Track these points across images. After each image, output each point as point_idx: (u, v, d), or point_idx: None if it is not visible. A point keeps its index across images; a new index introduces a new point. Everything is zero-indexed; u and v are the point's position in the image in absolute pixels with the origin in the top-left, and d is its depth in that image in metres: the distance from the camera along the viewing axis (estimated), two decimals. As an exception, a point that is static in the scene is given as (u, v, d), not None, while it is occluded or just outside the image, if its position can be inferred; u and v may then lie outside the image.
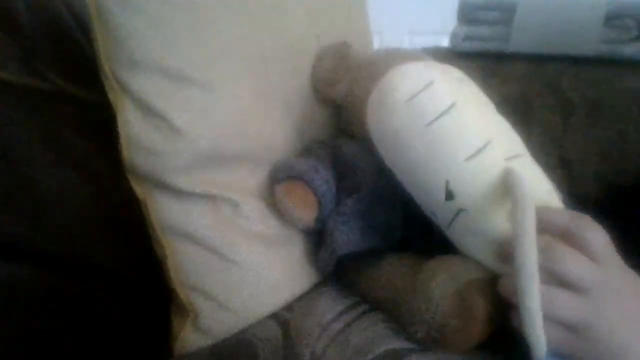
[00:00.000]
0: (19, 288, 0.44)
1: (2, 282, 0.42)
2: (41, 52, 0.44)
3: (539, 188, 0.37)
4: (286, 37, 0.49)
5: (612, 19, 0.74)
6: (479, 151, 0.36)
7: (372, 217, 0.48)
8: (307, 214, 0.47)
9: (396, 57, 0.55)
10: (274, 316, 0.46)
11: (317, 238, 0.52)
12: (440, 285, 0.37)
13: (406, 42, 1.72)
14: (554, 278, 0.32)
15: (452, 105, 0.36)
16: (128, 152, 0.42)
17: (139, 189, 0.44)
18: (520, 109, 0.77)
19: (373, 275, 0.46)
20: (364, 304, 0.46)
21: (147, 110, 0.41)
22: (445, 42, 1.21)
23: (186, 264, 0.44)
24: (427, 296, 0.37)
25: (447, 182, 0.36)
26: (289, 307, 0.47)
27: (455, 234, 0.40)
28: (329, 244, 0.47)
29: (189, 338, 0.45)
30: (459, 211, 0.37)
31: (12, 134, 0.43)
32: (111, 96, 0.42)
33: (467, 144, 0.36)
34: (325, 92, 0.53)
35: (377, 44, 0.78)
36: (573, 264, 0.32)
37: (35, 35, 0.44)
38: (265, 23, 0.47)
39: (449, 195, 0.36)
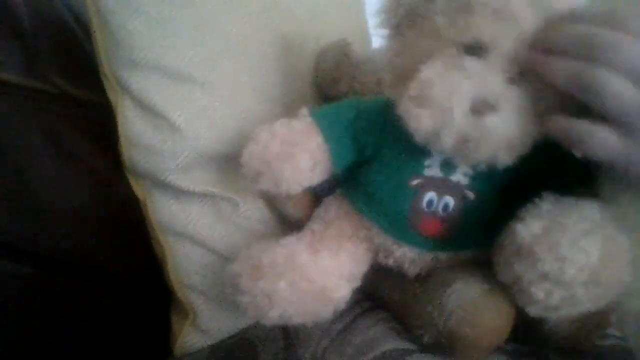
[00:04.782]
0: (21, 288, 0.44)
1: (3, 282, 0.42)
2: (43, 53, 0.45)
3: None
4: (286, 38, 0.49)
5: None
6: None
7: None
8: (307, 213, 0.47)
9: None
10: (274, 316, 0.45)
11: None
12: (456, 293, 0.36)
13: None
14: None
15: None
16: (128, 152, 0.42)
17: (138, 189, 0.44)
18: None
19: (381, 272, 0.45)
20: (366, 301, 0.46)
21: (147, 109, 0.41)
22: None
23: (186, 264, 0.44)
24: (441, 302, 0.36)
25: None
26: (289, 307, 0.46)
27: None
28: None
29: (188, 338, 0.45)
30: None
31: (13, 135, 0.43)
32: (111, 96, 0.42)
33: None
34: (327, 89, 0.54)
35: (376, 45, 0.78)
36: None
37: (37, 37, 0.44)
38: (265, 23, 0.47)
39: None
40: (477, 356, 0.36)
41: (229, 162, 0.45)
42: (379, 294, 0.45)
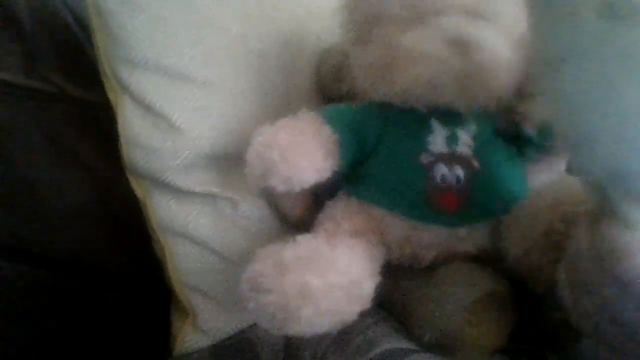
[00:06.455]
0: (21, 288, 0.44)
1: (10, 283, 0.42)
2: (42, 53, 0.45)
3: None
4: (286, 36, 0.49)
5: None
6: None
7: None
8: (307, 213, 0.47)
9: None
10: (274, 316, 0.45)
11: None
12: (457, 293, 0.36)
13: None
14: None
15: None
16: (128, 151, 0.42)
17: (138, 189, 0.44)
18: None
19: (382, 272, 0.45)
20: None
21: (147, 109, 0.41)
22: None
23: (186, 264, 0.44)
24: (442, 302, 0.36)
25: None
26: (289, 307, 0.46)
27: None
28: None
29: (188, 338, 0.45)
30: None
31: (12, 135, 0.43)
32: (111, 96, 0.42)
33: None
34: (329, 89, 0.53)
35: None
36: None
37: (37, 37, 0.44)
38: (264, 22, 0.47)
39: None
40: (477, 357, 0.36)
41: (229, 162, 0.45)
42: (379, 293, 0.45)
